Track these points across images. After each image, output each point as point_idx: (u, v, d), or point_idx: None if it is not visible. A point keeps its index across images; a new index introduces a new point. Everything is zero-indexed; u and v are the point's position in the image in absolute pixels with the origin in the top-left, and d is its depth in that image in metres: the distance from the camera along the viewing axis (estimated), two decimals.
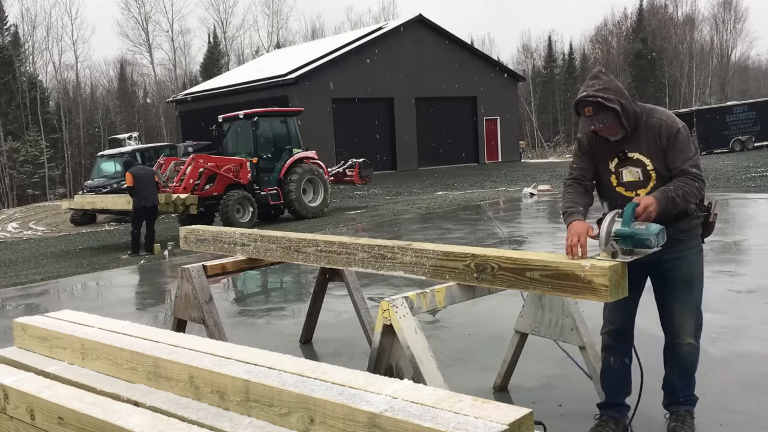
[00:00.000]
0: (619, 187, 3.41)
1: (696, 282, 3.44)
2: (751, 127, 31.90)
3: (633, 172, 3.36)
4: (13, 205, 40.44)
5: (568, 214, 3.34)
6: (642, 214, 3.09)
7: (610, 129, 3.32)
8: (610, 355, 3.58)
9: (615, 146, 3.40)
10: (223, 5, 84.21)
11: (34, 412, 2.56)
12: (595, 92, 3.24)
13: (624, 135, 3.35)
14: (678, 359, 3.47)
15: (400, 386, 2.03)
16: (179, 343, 2.72)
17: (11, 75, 47.45)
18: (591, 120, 3.28)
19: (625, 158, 3.36)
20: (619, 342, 3.55)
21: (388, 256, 3.76)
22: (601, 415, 3.63)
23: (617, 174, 3.41)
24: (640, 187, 3.35)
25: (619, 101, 3.25)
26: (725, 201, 13.83)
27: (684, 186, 3.23)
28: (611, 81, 3.32)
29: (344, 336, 5.87)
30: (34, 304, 8.81)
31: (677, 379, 3.50)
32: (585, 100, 3.27)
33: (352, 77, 30.97)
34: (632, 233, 3.00)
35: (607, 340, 3.59)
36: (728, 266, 7.65)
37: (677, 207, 3.21)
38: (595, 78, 3.33)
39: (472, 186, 23.31)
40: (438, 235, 11.63)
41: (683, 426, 3.46)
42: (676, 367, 3.49)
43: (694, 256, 3.41)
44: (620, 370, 3.58)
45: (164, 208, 13.89)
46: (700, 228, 3.46)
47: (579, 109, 3.32)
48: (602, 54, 68.68)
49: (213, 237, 5.15)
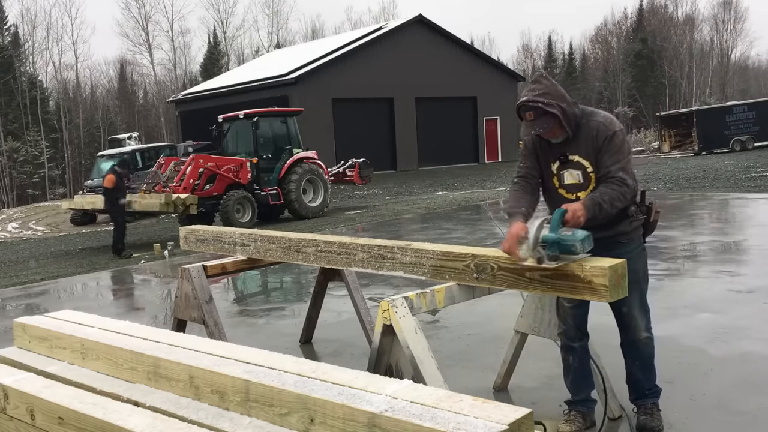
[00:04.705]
0: (561, 189, 3.50)
1: (641, 281, 3.55)
2: (751, 127, 31.85)
3: (574, 174, 3.44)
4: (13, 205, 40.44)
5: (510, 215, 3.40)
6: (571, 220, 3.13)
7: (552, 132, 3.39)
8: (569, 354, 3.71)
9: (557, 149, 3.47)
10: (223, 5, 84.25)
11: (34, 412, 2.56)
12: (536, 97, 3.31)
13: (566, 138, 3.42)
14: (637, 353, 3.59)
15: (400, 386, 2.03)
16: (179, 343, 2.72)
17: (11, 75, 47.45)
18: (532, 124, 3.34)
19: (566, 161, 3.44)
20: (574, 341, 3.67)
21: (388, 256, 3.77)
22: (569, 411, 3.73)
23: (559, 176, 3.49)
24: (580, 189, 3.42)
25: (559, 106, 3.30)
26: (725, 201, 13.84)
27: (610, 192, 3.26)
28: (552, 86, 3.39)
29: (344, 336, 5.87)
30: (34, 304, 8.81)
31: (639, 371, 3.62)
32: (526, 105, 3.33)
33: (352, 77, 30.97)
34: (558, 239, 3.02)
35: (564, 340, 3.72)
36: (728, 266, 7.65)
37: (604, 212, 3.25)
38: (536, 82, 3.39)
39: (472, 186, 23.31)
40: (438, 235, 11.63)
41: (652, 418, 3.59)
42: (636, 360, 3.61)
43: (636, 258, 3.46)
44: (580, 368, 3.69)
45: (164, 208, 13.93)
46: (641, 229, 3.54)
47: (521, 114, 3.38)
48: (602, 54, 68.71)
49: (213, 237, 5.15)
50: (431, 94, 33.55)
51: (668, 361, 4.49)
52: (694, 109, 35.01)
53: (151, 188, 14.95)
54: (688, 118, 33.17)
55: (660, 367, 3.71)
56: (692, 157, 29.52)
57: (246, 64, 47.67)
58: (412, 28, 34.05)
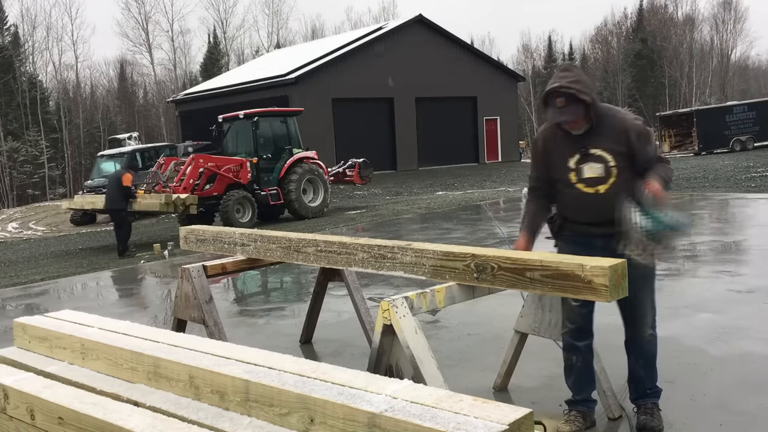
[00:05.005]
0: (579, 183, 3.47)
1: (653, 276, 3.56)
2: (751, 127, 31.87)
3: (594, 168, 3.42)
4: (13, 205, 40.45)
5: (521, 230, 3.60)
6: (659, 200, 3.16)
7: (576, 122, 3.39)
8: (572, 354, 3.69)
9: (576, 142, 3.46)
10: (223, 5, 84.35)
11: (34, 412, 2.56)
12: (569, 83, 3.30)
13: (587, 129, 3.42)
14: (642, 350, 3.59)
15: (400, 386, 2.03)
16: (179, 343, 2.72)
17: (11, 75, 47.46)
18: (561, 111, 3.33)
19: (587, 154, 3.42)
20: (579, 341, 3.65)
21: (388, 256, 3.76)
22: (569, 411, 3.72)
23: (577, 170, 3.47)
24: (600, 183, 3.42)
25: (590, 95, 3.32)
26: (725, 201, 13.84)
27: (666, 170, 3.38)
28: (582, 74, 3.42)
29: (344, 336, 5.87)
30: (34, 304, 8.81)
31: (642, 370, 3.61)
32: (557, 91, 3.31)
33: (352, 77, 30.97)
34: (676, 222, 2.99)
35: (568, 339, 3.70)
36: (728, 266, 7.65)
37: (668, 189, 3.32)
38: (566, 70, 3.40)
39: (472, 186, 23.31)
40: (438, 235, 11.63)
41: (652, 418, 3.58)
42: (640, 358, 3.60)
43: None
44: (583, 368, 3.68)
45: (164, 208, 13.94)
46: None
47: (549, 100, 3.36)
48: (602, 54, 68.72)
49: (213, 237, 5.15)
50: (431, 94, 33.54)
51: (668, 361, 4.49)
52: (694, 109, 35.02)
53: (151, 188, 14.96)
54: (688, 118, 33.18)
55: (660, 367, 3.71)
56: (692, 157, 29.54)
57: (246, 64, 47.67)
58: (412, 28, 34.05)
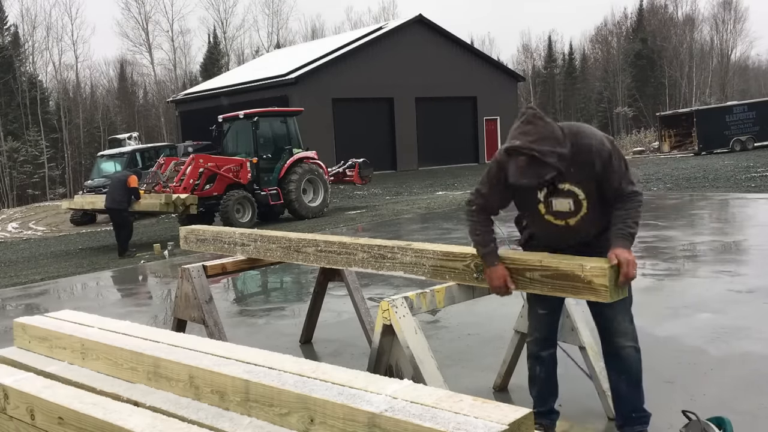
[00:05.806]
0: (548, 216, 3.26)
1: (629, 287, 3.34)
2: (751, 127, 31.84)
3: (563, 203, 3.19)
4: (13, 205, 40.43)
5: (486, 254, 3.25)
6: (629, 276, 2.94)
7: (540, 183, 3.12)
8: (537, 364, 3.57)
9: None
10: (223, 5, 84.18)
11: (34, 412, 2.56)
12: (531, 143, 2.92)
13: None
14: (623, 364, 3.34)
15: (400, 386, 2.03)
16: (179, 343, 2.72)
17: (11, 75, 47.45)
18: (523, 172, 2.96)
19: (555, 190, 3.17)
20: (544, 350, 3.55)
21: (388, 256, 3.77)
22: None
23: (546, 203, 3.23)
24: (569, 216, 3.21)
25: (554, 152, 2.93)
26: (725, 201, 13.84)
27: (632, 212, 3.09)
28: (547, 126, 2.98)
29: (344, 336, 5.87)
30: (34, 304, 8.81)
31: (625, 386, 3.36)
32: (519, 150, 2.94)
33: (352, 77, 30.96)
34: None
35: (533, 347, 3.58)
36: (728, 266, 7.65)
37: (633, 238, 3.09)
38: (529, 123, 2.98)
39: (472, 186, 23.14)
40: (438, 235, 11.63)
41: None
42: (622, 373, 3.36)
43: None
44: (546, 379, 3.58)
45: (164, 208, 13.95)
46: None
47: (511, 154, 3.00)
48: (602, 54, 68.70)
49: (213, 237, 5.15)
50: (431, 94, 33.54)
51: (668, 361, 4.49)
52: (694, 109, 35.00)
53: (151, 188, 14.96)
54: (688, 118, 33.16)
55: (660, 367, 3.71)
56: (692, 157, 29.52)
57: (246, 64, 47.66)
58: (412, 28, 34.04)
